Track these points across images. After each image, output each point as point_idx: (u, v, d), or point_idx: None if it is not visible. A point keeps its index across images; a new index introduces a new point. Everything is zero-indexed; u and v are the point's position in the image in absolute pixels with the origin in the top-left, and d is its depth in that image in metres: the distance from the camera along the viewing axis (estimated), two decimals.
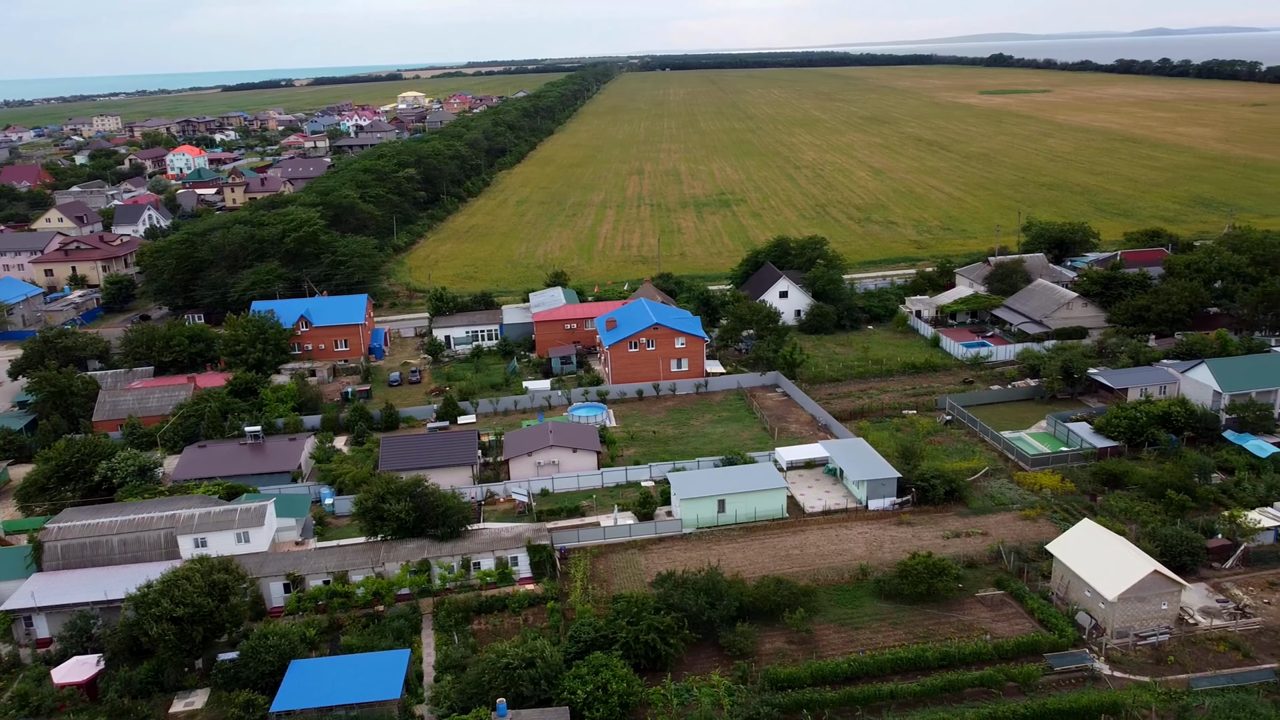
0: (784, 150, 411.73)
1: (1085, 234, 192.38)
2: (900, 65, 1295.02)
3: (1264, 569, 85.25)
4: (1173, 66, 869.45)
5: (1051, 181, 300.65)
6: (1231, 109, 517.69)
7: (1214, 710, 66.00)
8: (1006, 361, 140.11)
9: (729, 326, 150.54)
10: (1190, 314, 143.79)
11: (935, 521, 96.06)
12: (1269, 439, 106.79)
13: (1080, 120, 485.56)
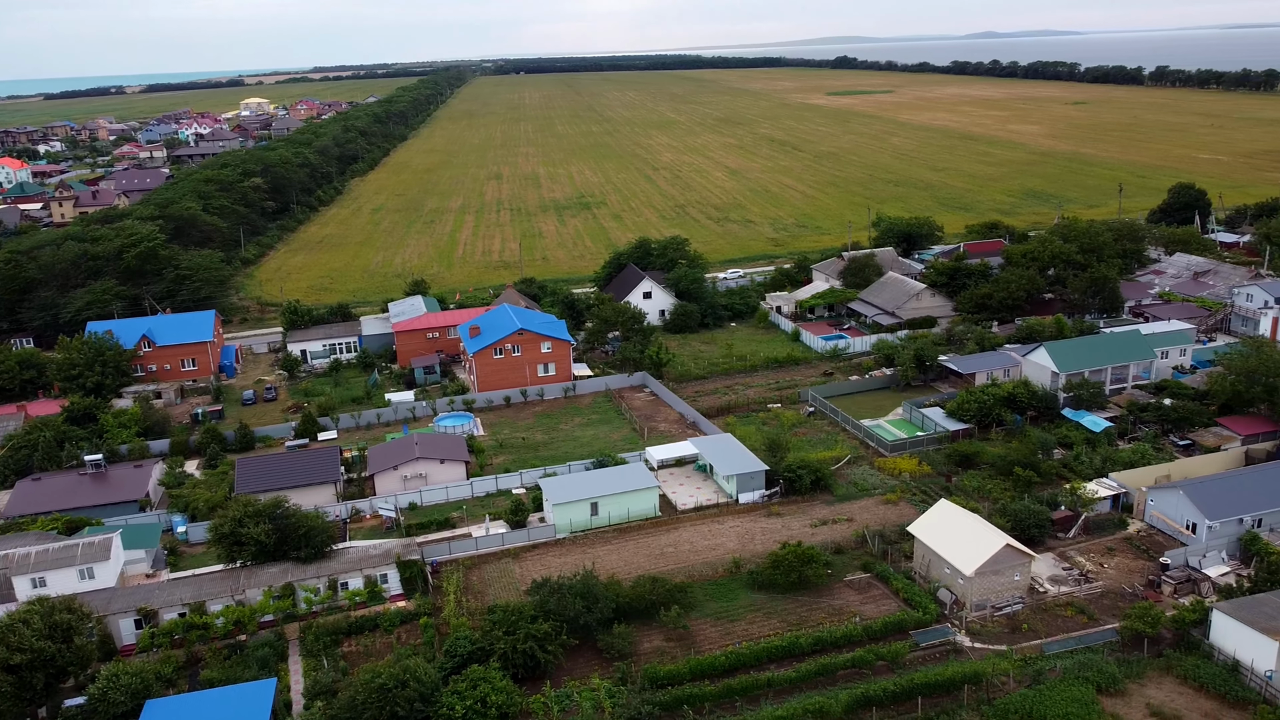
0: (642, 152, 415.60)
1: (930, 228, 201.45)
2: (751, 68, 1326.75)
3: (1103, 536, 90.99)
4: (1002, 68, 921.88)
5: (897, 178, 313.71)
6: (1056, 107, 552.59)
7: (1065, 671, 70.04)
8: (863, 353, 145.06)
9: (594, 329, 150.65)
10: (1028, 300, 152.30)
11: (803, 511, 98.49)
12: (1102, 414, 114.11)
13: (921, 119, 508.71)
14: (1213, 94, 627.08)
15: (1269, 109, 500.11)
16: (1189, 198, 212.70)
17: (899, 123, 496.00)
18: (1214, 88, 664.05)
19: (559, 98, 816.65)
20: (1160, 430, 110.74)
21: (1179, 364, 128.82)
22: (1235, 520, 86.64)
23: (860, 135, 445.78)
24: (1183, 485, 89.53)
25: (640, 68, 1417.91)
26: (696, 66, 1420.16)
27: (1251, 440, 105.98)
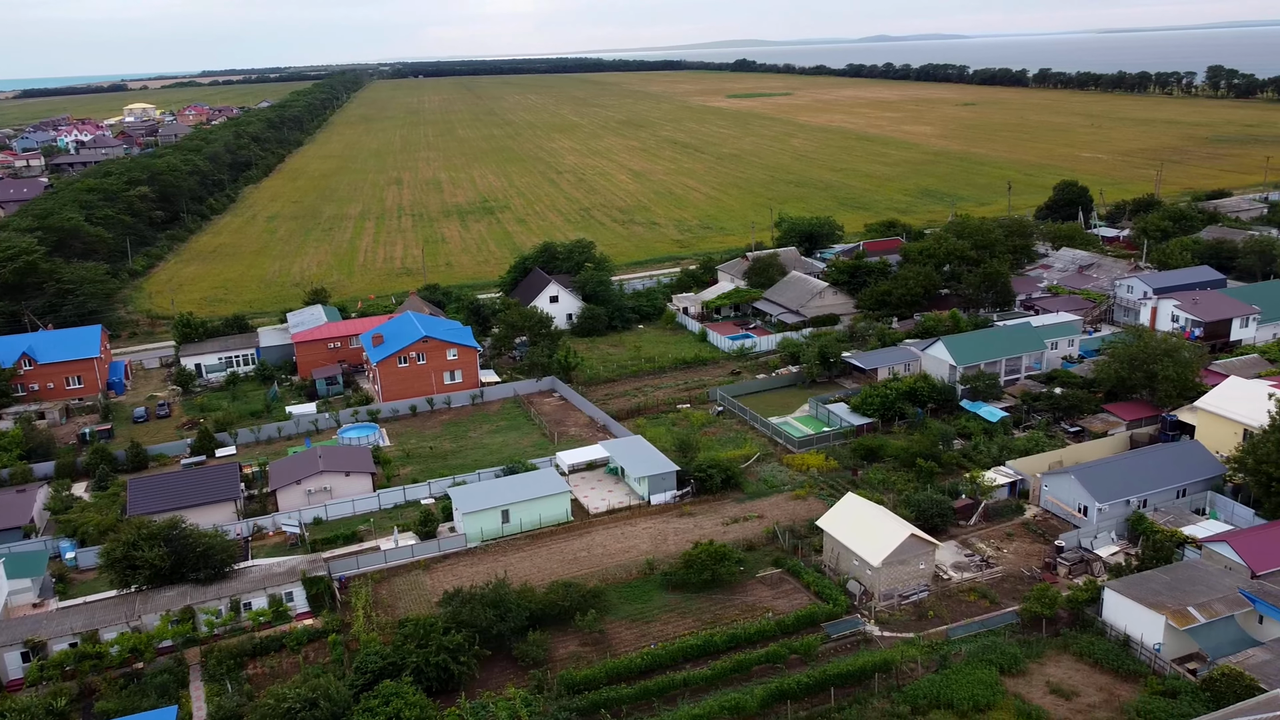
0: (545, 156, 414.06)
1: (831, 227, 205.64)
2: (652, 70, 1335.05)
3: (1002, 522, 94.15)
4: (896, 70, 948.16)
5: (798, 179, 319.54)
6: (947, 108, 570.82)
7: (969, 655, 72.17)
8: (769, 351, 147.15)
9: (501, 334, 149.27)
10: (926, 296, 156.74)
11: (715, 510, 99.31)
12: (998, 405, 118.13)
13: (820, 121, 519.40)
14: (1091, 95, 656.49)
15: (1142, 109, 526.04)
16: (1073, 195, 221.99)
17: (798, 124, 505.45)
18: (1092, 89, 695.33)
19: (459, 101, 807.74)
20: (1052, 418, 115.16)
21: (1068, 354, 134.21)
22: (1123, 502, 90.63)
23: (761, 137, 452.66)
24: (1074, 470, 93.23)
25: (541, 71, 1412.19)
26: (597, 69, 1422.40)
27: (1135, 425, 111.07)
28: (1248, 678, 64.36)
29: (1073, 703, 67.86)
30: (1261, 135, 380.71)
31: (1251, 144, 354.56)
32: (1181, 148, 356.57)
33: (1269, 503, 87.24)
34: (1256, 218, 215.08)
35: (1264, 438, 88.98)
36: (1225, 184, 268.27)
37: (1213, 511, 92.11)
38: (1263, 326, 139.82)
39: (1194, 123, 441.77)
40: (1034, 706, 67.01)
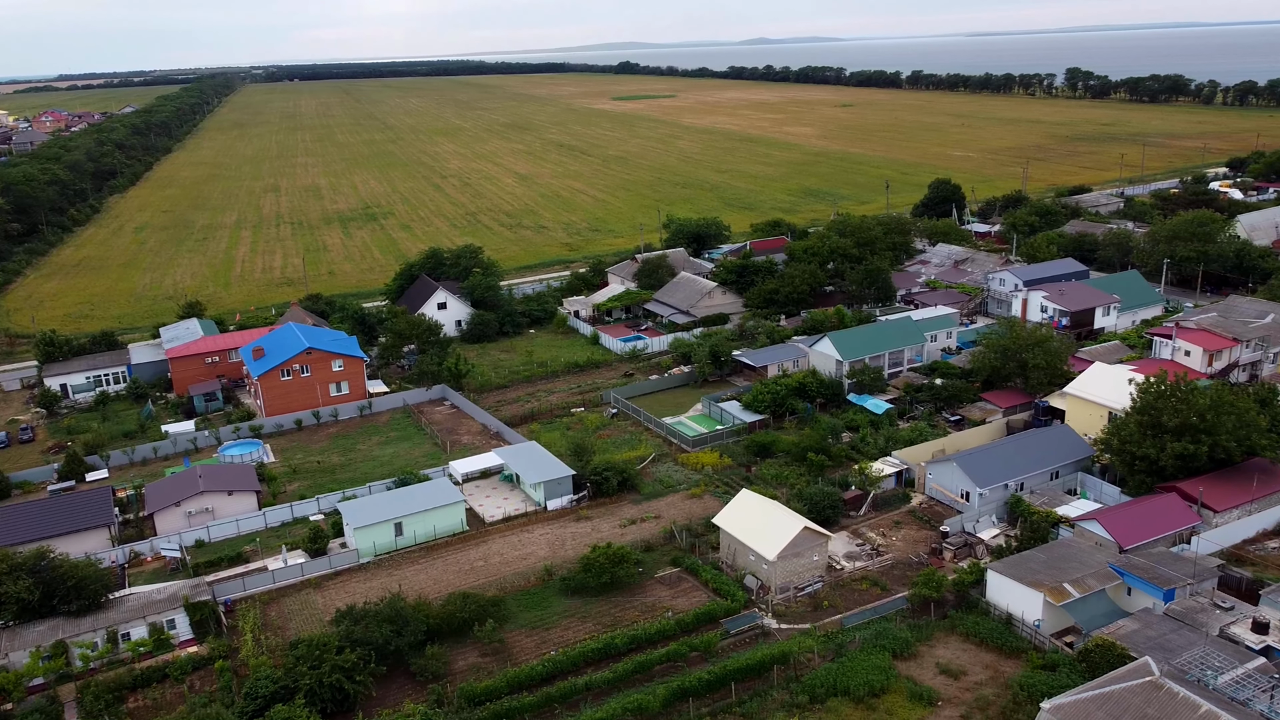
0: (428, 160, 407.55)
1: (718, 227, 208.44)
2: (535, 73, 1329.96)
3: (890, 511, 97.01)
4: (776, 72, 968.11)
5: (685, 180, 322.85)
6: (826, 109, 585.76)
7: (863, 642, 74.06)
8: (661, 352, 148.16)
9: (389, 343, 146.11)
10: (811, 294, 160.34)
11: (612, 512, 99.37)
12: (882, 397, 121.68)
13: (704, 122, 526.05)
14: (961, 96, 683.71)
15: (1008, 109, 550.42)
16: (946, 192, 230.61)
17: (683, 126, 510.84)
18: (962, 90, 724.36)
19: (337, 105, 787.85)
20: (934, 408, 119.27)
21: (947, 346, 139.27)
22: (1002, 486, 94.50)
23: (647, 139, 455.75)
24: (956, 458, 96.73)
25: (422, 74, 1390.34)
26: (480, 72, 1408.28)
27: (1011, 412, 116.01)
28: (1119, 647, 67.87)
29: (961, 681, 70.38)
30: (1116, 133, 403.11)
31: (1108, 142, 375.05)
32: (1045, 146, 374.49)
33: (1133, 481, 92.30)
34: (1114, 211, 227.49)
35: (1126, 419, 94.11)
36: (1085, 180, 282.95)
37: (1083, 491, 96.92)
38: (1122, 314, 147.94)
39: (1055, 122, 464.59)
40: (925, 688, 69.22)
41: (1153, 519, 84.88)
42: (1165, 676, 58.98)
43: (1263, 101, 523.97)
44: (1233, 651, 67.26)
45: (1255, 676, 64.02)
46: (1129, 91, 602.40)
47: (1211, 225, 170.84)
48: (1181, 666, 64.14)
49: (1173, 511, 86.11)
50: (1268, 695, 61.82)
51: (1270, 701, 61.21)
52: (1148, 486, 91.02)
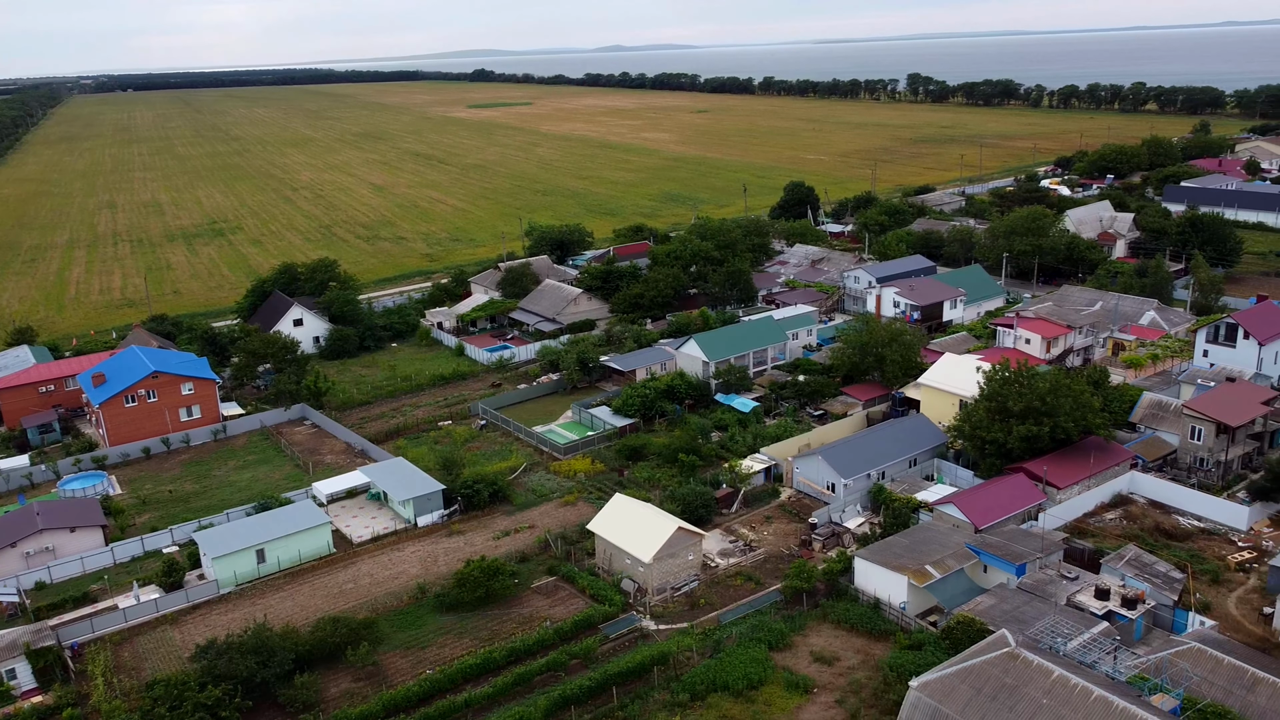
0: (278, 172, 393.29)
1: (581, 234, 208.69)
2: (387, 81, 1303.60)
3: (761, 506, 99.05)
4: (632, 79, 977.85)
5: (545, 188, 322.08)
6: (682, 115, 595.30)
7: (740, 636, 75.31)
8: (529, 360, 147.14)
9: (242, 364, 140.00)
10: (676, 297, 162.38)
11: (485, 525, 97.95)
12: (749, 396, 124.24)
13: (562, 130, 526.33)
14: (812, 101, 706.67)
15: (856, 114, 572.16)
16: (801, 194, 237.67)
17: (542, 133, 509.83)
18: (812, 95, 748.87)
19: (176, 116, 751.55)
20: (798, 404, 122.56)
21: (808, 343, 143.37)
22: (865, 476, 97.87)
23: (505, 147, 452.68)
24: (821, 451, 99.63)
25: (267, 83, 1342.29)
26: (329, 81, 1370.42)
27: (871, 404, 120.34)
28: (978, 622, 71.22)
29: (835, 667, 72.43)
30: (956, 135, 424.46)
31: (948, 143, 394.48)
32: (891, 148, 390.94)
33: (984, 464, 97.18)
34: (957, 209, 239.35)
35: (975, 406, 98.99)
36: (930, 180, 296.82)
37: (939, 476, 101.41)
38: (968, 307, 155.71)
39: (900, 125, 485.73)
40: (801, 676, 70.92)
41: (1003, 499, 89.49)
42: (1020, 647, 62.17)
43: (1083, 104, 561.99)
44: (1079, 618, 71.53)
45: (1100, 640, 68.26)
46: (966, 95, 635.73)
47: (1044, 220, 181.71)
48: (1034, 636, 67.77)
49: (1021, 491, 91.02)
50: (1111, 657, 66.00)
51: (1114, 662, 65.37)
52: (998, 468, 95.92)
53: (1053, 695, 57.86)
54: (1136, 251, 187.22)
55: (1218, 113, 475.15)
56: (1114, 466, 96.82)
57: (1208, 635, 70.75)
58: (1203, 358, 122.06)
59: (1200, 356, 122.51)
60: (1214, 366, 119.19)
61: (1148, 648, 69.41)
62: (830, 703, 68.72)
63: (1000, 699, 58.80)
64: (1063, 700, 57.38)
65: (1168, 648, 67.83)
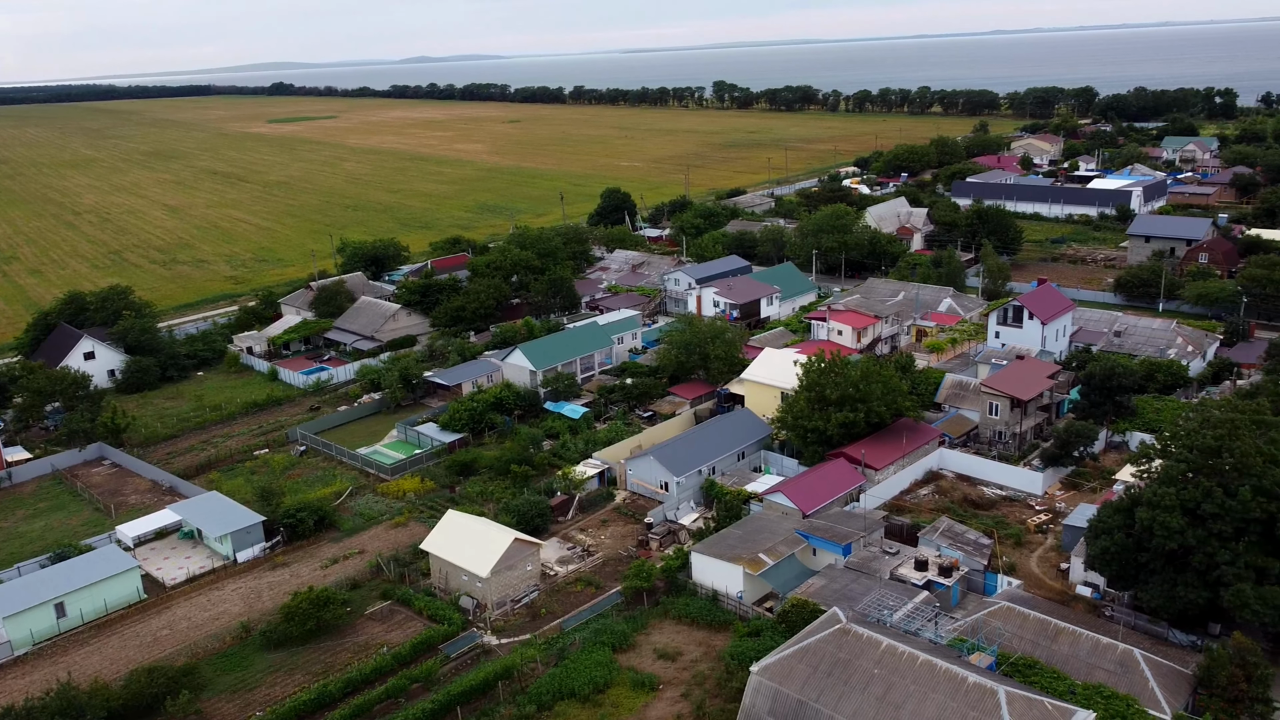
0: (56, 196, 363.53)
1: (396, 248, 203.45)
2: (177, 97, 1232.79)
3: (596, 511, 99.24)
4: (440, 90, 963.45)
5: (355, 203, 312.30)
6: (494, 125, 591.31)
7: (584, 642, 75.10)
8: (348, 381, 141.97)
9: (27, 404, 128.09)
10: (499, 307, 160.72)
11: (311, 554, 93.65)
12: (578, 402, 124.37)
13: (370, 143, 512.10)
14: (622, 109, 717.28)
15: (666, 121, 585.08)
16: (618, 200, 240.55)
17: (349, 147, 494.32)
18: (622, 104, 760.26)
19: None
20: (628, 407, 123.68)
21: (633, 346, 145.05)
22: (696, 472, 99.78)
23: (310, 162, 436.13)
24: (652, 451, 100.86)
25: (39, 100, 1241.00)
26: (110, 97, 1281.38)
27: (697, 402, 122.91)
28: (811, 604, 73.86)
29: (678, 662, 73.35)
30: (762, 139, 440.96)
31: (755, 147, 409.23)
32: (702, 153, 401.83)
33: (808, 451, 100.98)
34: (768, 210, 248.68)
35: (796, 397, 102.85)
36: (740, 183, 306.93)
37: (767, 467, 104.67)
38: (784, 303, 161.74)
39: (709, 131, 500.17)
40: (646, 674, 71.41)
41: (827, 484, 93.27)
42: (851, 622, 64.91)
43: (876, 108, 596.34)
44: (902, 590, 75.44)
45: (922, 609, 72.22)
46: (769, 101, 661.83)
47: (847, 218, 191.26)
48: (863, 611, 70.93)
49: (842, 475, 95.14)
50: (933, 623, 69.94)
51: (935, 628, 69.28)
52: (820, 455, 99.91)
53: (883, 664, 60.65)
54: (931, 244, 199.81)
55: (994, 113, 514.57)
56: (924, 445, 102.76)
57: (1015, 594, 76.17)
58: (995, 339, 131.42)
59: (993, 338, 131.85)
60: (1005, 346, 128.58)
61: (964, 611, 74.00)
62: (676, 697, 69.52)
63: (836, 673, 61.13)
64: (892, 668, 60.24)
65: (981, 609, 72.56)
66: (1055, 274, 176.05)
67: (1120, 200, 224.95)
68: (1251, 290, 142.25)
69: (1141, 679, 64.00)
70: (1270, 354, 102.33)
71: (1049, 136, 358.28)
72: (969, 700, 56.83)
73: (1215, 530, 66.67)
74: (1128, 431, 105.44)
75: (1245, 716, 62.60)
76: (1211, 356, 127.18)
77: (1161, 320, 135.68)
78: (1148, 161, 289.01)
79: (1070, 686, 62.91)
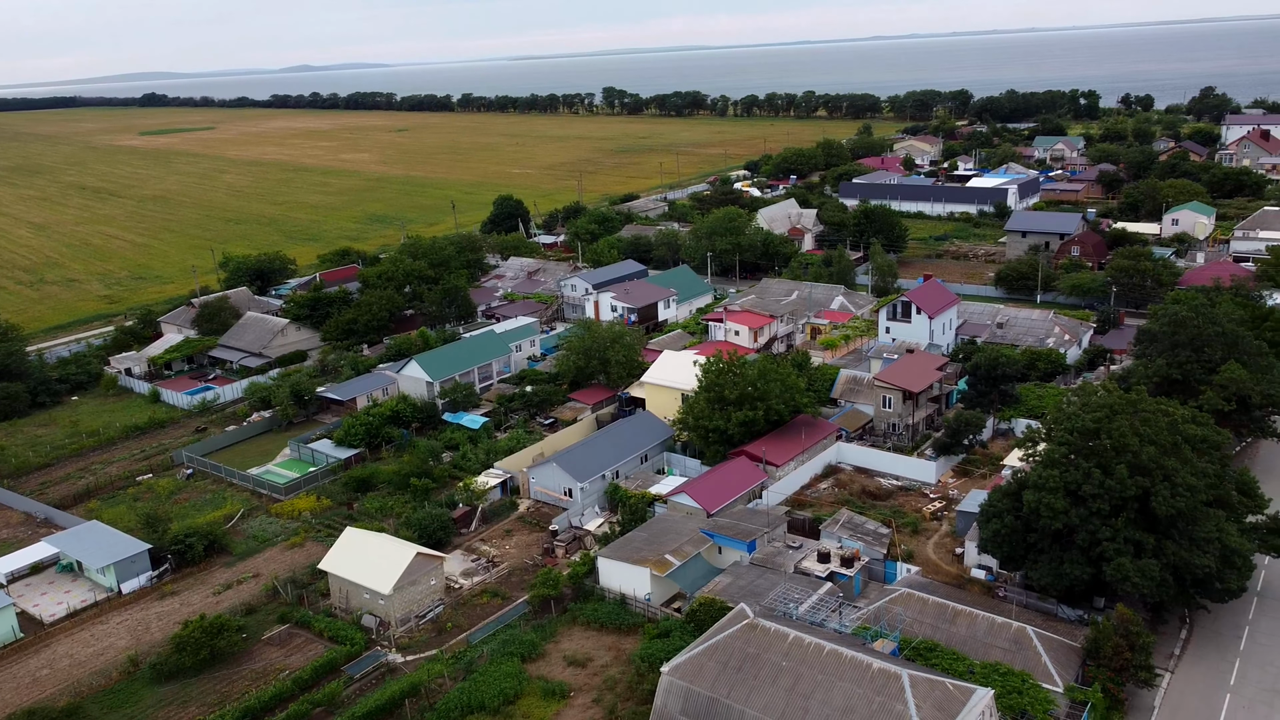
0: None
1: (282, 262, 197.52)
2: (38, 110, 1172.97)
3: (500, 521, 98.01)
4: (324, 99, 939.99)
5: (237, 216, 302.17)
6: (381, 134, 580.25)
7: (492, 654, 73.98)
8: (236, 400, 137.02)
9: None
10: (392, 319, 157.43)
11: (202, 581, 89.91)
12: (478, 412, 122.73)
13: (251, 154, 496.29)
14: (512, 116, 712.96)
15: (557, 127, 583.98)
16: (511, 208, 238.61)
17: (228, 159, 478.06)
18: (512, 111, 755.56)
19: None
20: (528, 415, 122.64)
21: (532, 354, 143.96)
22: (600, 477, 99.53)
23: (187, 175, 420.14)
24: (555, 458, 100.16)
25: None
26: None
27: (599, 407, 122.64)
28: (719, 601, 74.39)
29: (588, 668, 72.90)
30: (653, 145, 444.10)
31: (647, 152, 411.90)
32: (594, 159, 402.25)
33: (709, 451, 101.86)
34: (661, 214, 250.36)
35: (696, 398, 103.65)
36: (633, 188, 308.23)
37: (670, 469, 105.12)
38: (680, 305, 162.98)
39: (600, 137, 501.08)
40: (556, 683, 70.75)
41: (730, 482, 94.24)
42: (758, 617, 65.56)
43: (764, 112, 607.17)
44: (807, 583, 76.72)
45: (826, 600, 73.56)
46: (658, 107, 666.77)
47: (739, 220, 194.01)
48: (770, 605, 71.81)
49: (745, 473, 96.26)
50: (837, 614, 71.28)
51: (840, 618, 70.63)
52: (722, 454, 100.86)
53: (790, 656, 61.46)
54: (822, 243, 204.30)
55: (876, 116, 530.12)
56: (822, 440, 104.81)
57: (914, 581, 78.31)
58: (885, 334, 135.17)
59: (884, 333, 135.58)
60: (895, 341, 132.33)
61: (867, 600, 75.63)
62: (587, 703, 69.06)
63: (745, 668, 61.66)
64: (799, 659, 61.11)
65: (883, 597, 74.33)
66: (940, 270, 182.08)
67: (997, 198, 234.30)
68: (1120, 280, 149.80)
69: (1035, 655, 66.53)
70: (1139, 339, 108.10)
71: (929, 138, 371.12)
72: (874, 686, 58.04)
73: (1096, 509, 69.76)
74: (1013, 418, 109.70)
75: (1130, 683, 65.66)
76: (1086, 344, 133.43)
77: (1040, 311, 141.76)
78: (1021, 160, 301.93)
79: (969, 666, 64.96)
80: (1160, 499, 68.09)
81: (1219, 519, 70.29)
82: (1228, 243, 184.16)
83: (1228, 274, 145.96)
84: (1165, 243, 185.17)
